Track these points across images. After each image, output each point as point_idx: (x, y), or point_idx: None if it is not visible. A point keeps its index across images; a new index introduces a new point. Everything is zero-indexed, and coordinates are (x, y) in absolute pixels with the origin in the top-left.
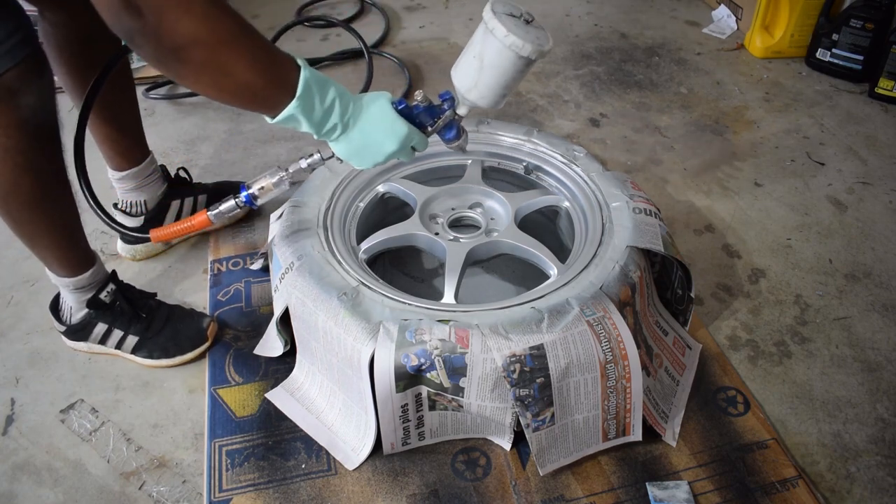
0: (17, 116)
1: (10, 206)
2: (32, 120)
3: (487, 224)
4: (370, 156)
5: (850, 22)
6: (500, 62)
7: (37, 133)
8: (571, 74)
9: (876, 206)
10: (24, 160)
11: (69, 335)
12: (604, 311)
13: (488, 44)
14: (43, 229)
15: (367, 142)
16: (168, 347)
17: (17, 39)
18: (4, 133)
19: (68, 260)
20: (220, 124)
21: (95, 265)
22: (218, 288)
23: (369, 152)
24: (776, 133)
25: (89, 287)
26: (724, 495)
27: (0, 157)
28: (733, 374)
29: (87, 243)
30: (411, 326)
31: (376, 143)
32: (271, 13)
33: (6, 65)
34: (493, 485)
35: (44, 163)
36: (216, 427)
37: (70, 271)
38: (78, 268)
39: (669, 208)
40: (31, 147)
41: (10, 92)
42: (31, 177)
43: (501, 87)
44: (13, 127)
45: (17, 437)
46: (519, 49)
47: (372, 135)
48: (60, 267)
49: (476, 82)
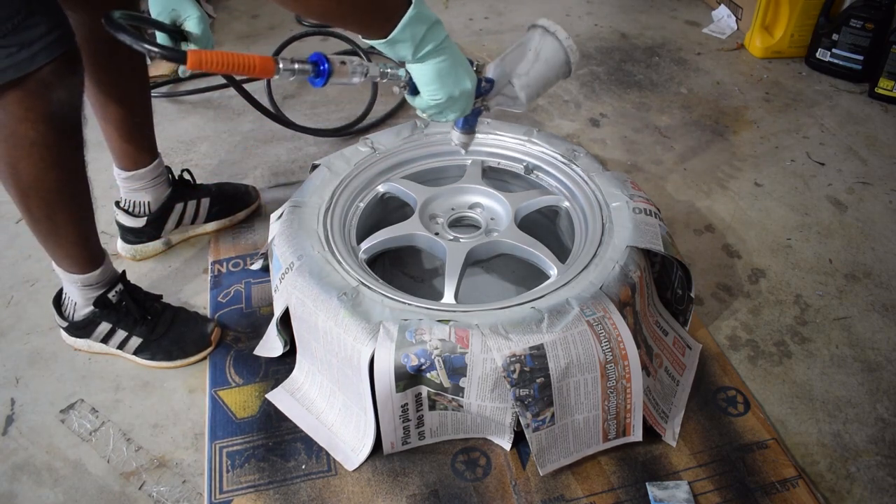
0: (47, 111)
1: (30, 200)
2: (60, 114)
3: (487, 224)
4: (451, 84)
5: (850, 22)
6: (554, 59)
7: (63, 128)
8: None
9: (876, 206)
10: (49, 154)
11: (70, 331)
12: (604, 311)
13: (546, 42)
14: (60, 225)
15: (453, 69)
16: (171, 350)
17: (56, 36)
18: (33, 127)
19: (81, 257)
20: (220, 124)
21: (105, 263)
22: (218, 289)
23: (451, 80)
24: (776, 133)
25: (97, 285)
26: (724, 495)
27: (26, 152)
28: (733, 374)
29: (98, 241)
30: (411, 326)
31: (458, 75)
32: (271, 13)
33: (43, 60)
34: (493, 485)
35: (67, 158)
36: (217, 429)
37: (81, 268)
38: (89, 265)
39: (669, 208)
40: (56, 142)
41: (44, 86)
42: (55, 172)
43: (543, 83)
44: (42, 121)
45: (17, 437)
46: (573, 52)
47: (457, 65)
48: (72, 264)
49: (528, 71)
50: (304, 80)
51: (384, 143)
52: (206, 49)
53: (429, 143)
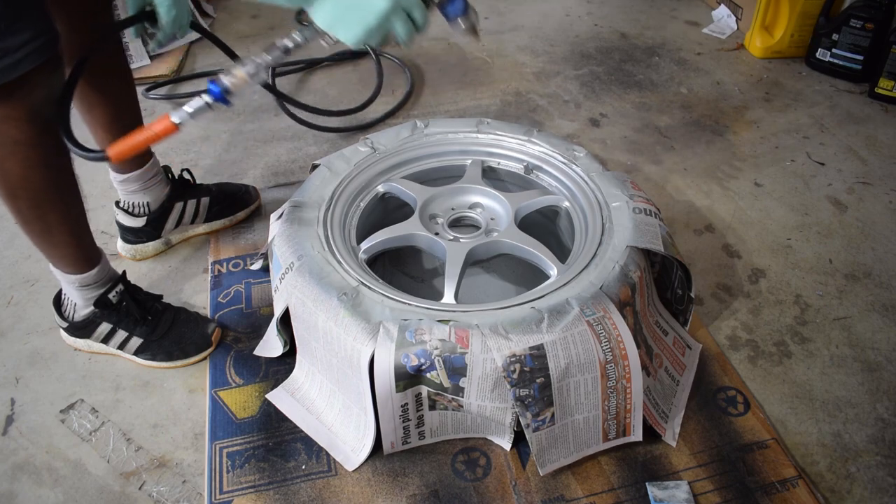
0: (29, 110)
1: (19, 200)
2: (43, 114)
3: (487, 224)
4: (358, 18)
5: (850, 22)
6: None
7: (47, 127)
8: (571, 74)
9: (876, 206)
10: (34, 154)
11: (70, 332)
12: (604, 311)
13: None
14: (51, 225)
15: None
16: (172, 351)
17: (41, 42)
18: (16, 126)
19: (75, 257)
20: (220, 124)
21: (101, 262)
22: (218, 290)
23: (358, 13)
24: (776, 133)
25: (95, 285)
26: (724, 495)
27: (10, 151)
28: (733, 374)
29: (93, 240)
30: (411, 326)
31: (366, 1)
32: (271, 13)
33: (27, 66)
34: (493, 485)
35: (52, 157)
36: (217, 429)
37: (76, 268)
38: (84, 265)
39: (669, 208)
40: (41, 141)
41: (27, 86)
42: (41, 171)
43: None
44: (25, 121)
45: (17, 437)
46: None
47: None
48: (67, 264)
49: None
50: (235, 102)
51: (384, 143)
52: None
53: (429, 143)
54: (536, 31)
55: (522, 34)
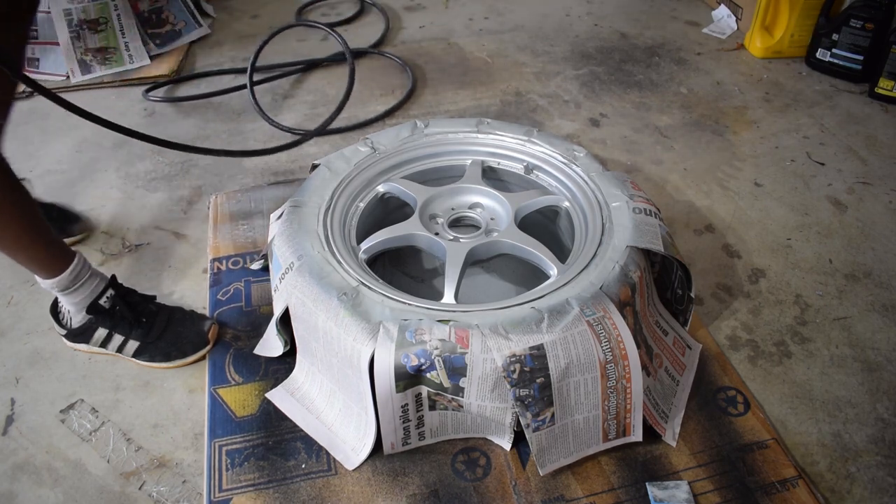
0: None
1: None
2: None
3: (487, 224)
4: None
5: (850, 22)
6: None
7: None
8: (571, 74)
9: (876, 206)
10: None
11: (70, 338)
12: (604, 311)
13: None
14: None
15: None
16: (169, 352)
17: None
18: None
19: (43, 261)
20: (220, 124)
21: (74, 263)
22: (218, 287)
23: None
24: (776, 133)
25: (74, 289)
26: (724, 495)
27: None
28: (733, 374)
29: (61, 242)
30: (411, 326)
31: None
32: (271, 13)
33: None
34: (493, 485)
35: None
36: (216, 427)
37: (48, 272)
38: (54, 268)
39: (669, 208)
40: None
41: None
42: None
43: None
44: None
45: (17, 437)
46: None
47: None
48: (39, 269)
49: None
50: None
51: (384, 143)
52: None
53: (429, 143)
54: (536, 31)
55: (522, 34)
